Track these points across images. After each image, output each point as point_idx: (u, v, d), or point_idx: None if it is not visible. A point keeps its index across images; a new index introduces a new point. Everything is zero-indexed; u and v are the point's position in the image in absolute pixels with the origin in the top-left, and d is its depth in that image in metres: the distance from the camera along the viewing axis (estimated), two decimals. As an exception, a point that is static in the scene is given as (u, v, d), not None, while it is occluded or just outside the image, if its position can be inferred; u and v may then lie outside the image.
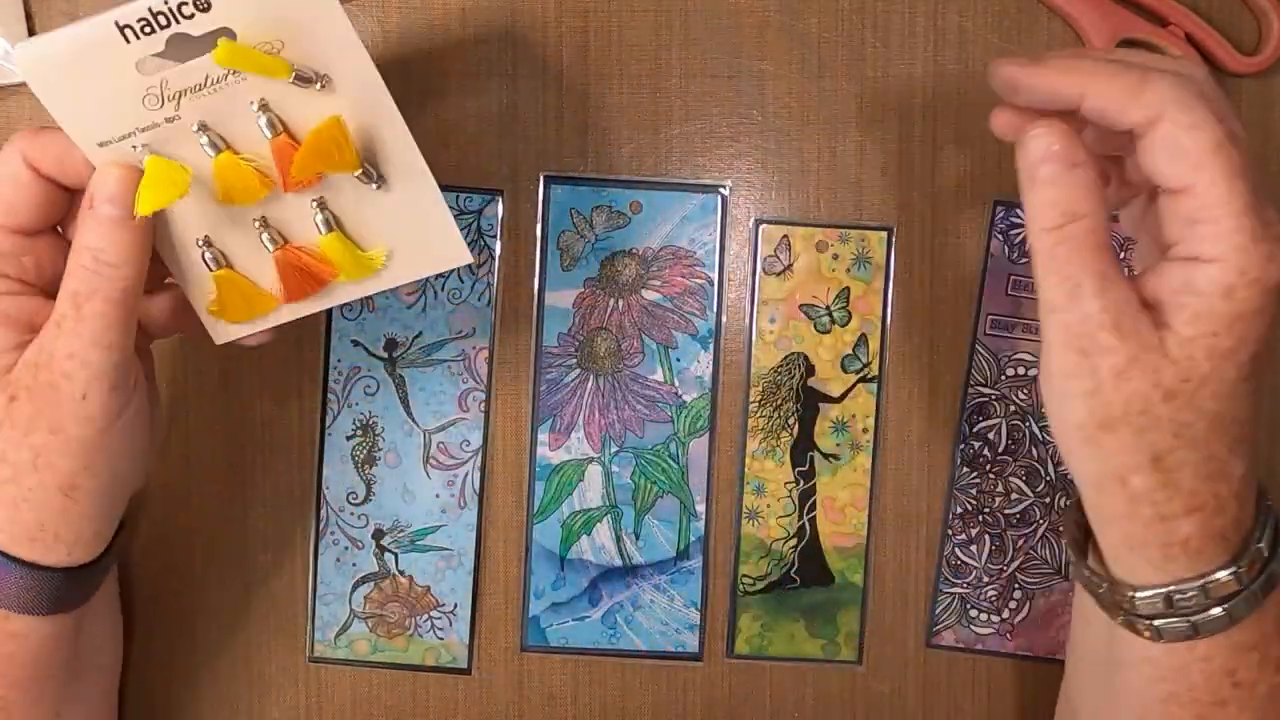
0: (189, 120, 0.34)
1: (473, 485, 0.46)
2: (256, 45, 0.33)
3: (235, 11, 0.32)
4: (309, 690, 0.47)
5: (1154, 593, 0.32)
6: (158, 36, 0.32)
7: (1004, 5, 0.46)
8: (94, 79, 0.33)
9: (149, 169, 0.34)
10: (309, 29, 0.33)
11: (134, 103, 0.33)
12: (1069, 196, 0.31)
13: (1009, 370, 0.46)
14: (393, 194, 0.36)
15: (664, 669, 0.47)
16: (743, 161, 0.46)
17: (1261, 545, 0.32)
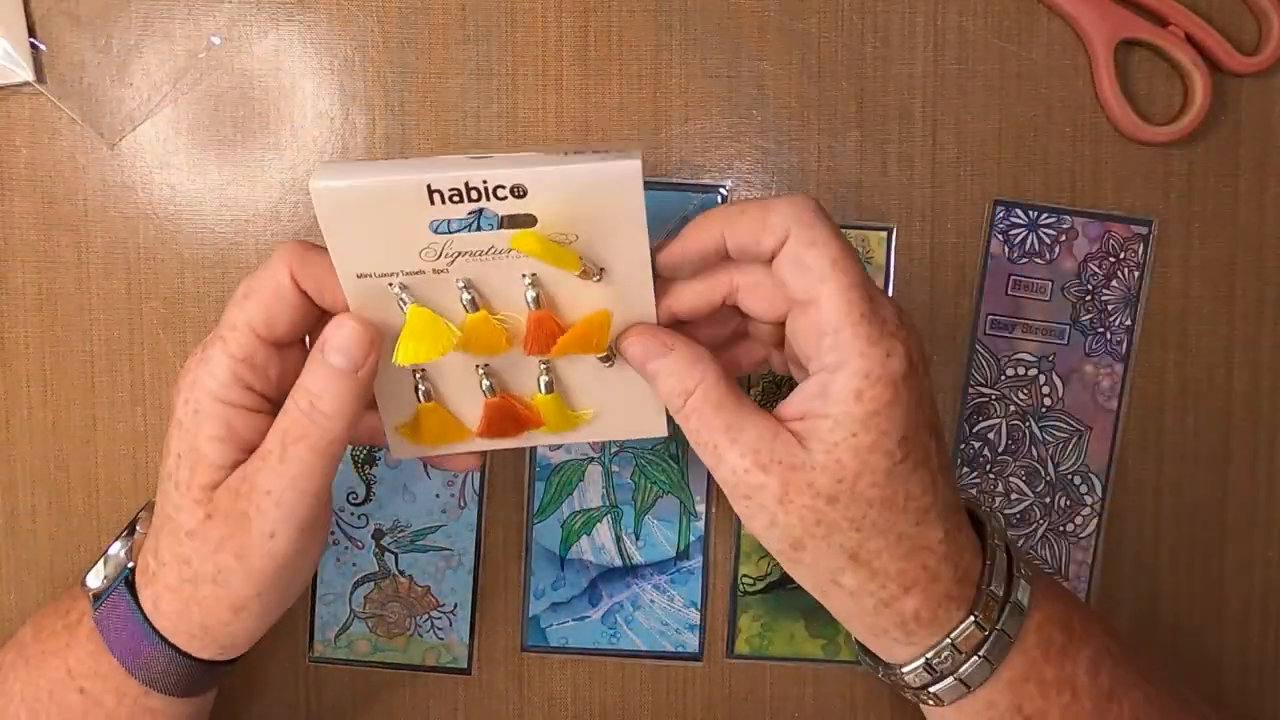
0: (455, 275, 0.35)
1: (473, 485, 0.46)
2: (553, 235, 0.33)
3: (546, 203, 0.33)
4: (309, 690, 0.47)
5: (914, 665, 0.35)
6: (462, 206, 0.33)
7: (1004, 5, 0.46)
8: (383, 224, 0.33)
9: (412, 320, 0.34)
10: (607, 227, 0.34)
11: (411, 251, 0.34)
12: (674, 379, 0.34)
13: (1009, 370, 0.47)
14: (616, 369, 0.37)
15: (664, 669, 0.47)
16: (743, 161, 0.46)
17: (993, 588, 0.34)
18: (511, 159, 0.33)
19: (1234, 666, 0.48)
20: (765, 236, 0.33)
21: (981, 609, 0.34)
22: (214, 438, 0.34)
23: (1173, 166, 0.46)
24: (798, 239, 0.33)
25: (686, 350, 0.35)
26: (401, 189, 0.32)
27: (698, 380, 0.34)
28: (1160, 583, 0.48)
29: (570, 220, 0.33)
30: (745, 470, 0.33)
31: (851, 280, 0.32)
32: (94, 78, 0.45)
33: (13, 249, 0.45)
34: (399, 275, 0.34)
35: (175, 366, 0.46)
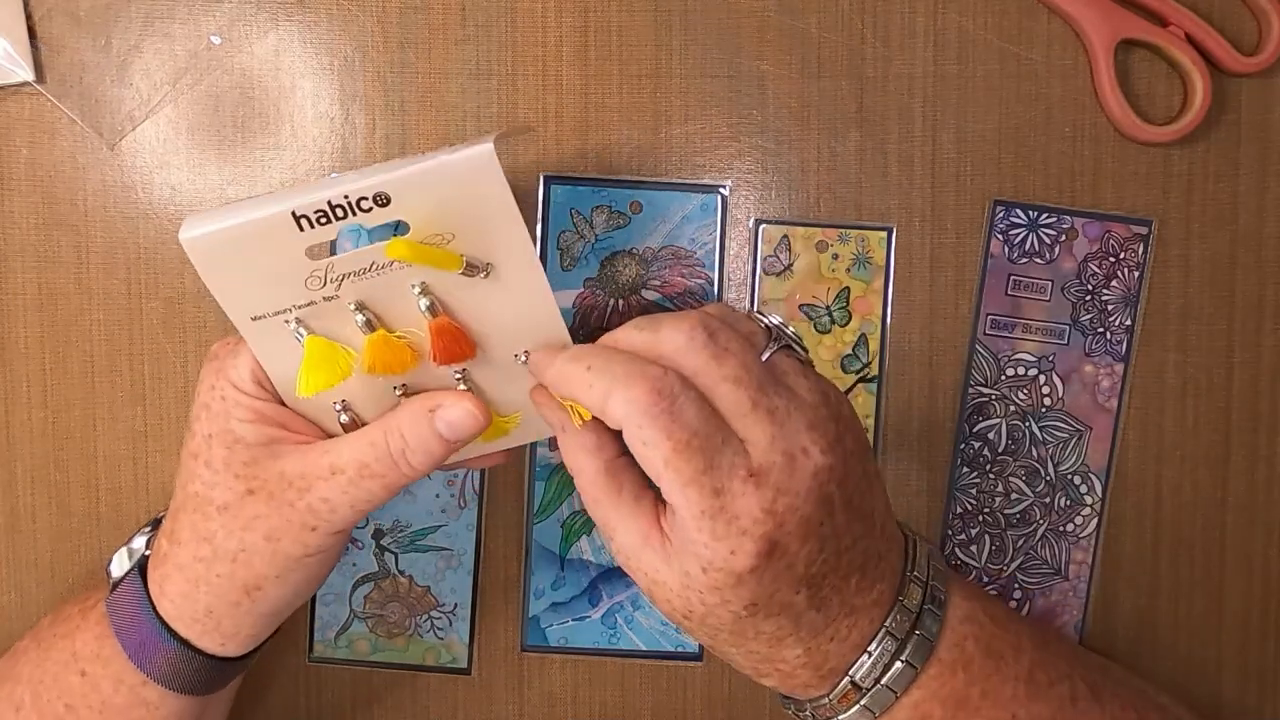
0: (346, 299, 0.34)
1: (473, 485, 0.46)
2: (428, 238, 0.33)
3: (412, 207, 0.32)
4: (309, 690, 0.47)
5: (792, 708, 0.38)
6: (332, 227, 0.32)
7: (1004, 5, 0.46)
8: (260, 261, 0.33)
9: (310, 350, 0.35)
10: (480, 221, 0.33)
11: (296, 283, 0.34)
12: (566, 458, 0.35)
13: (1009, 370, 0.47)
14: None
15: (664, 669, 0.47)
16: (743, 161, 0.46)
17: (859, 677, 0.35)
18: (372, 169, 0.33)
19: (1234, 666, 0.48)
20: (605, 419, 0.33)
21: (839, 694, 0.35)
22: (245, 421, 0.35)
23: (1173, 166, 0.46)
24: (630, 436, 0.32)
25: (573, 439, 0.35)
26: (268, 223, 0.32)
27: (579, 469, 0.35)
28: (1160, 583, 0.48)
29: (441, 220, 0.33)
30: (621, 563, 0.35)
31: (687, 478, 0.32)
32: (94, 78, 0.45)
33: (13, 249, 0.45)
34: (292, 310, 0.34)
35: (175, 366, 0.46)
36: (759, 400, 0.33)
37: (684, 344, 0.33)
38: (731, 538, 0.32)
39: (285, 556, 0.35)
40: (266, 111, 0.45)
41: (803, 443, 0.33)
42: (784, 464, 0.32)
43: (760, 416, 0.32)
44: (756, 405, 0.32)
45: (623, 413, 0.32)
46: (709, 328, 0.33)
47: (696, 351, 0.33)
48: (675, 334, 0.33)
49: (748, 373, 0.33)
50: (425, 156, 0.33)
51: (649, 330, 0.34)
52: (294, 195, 0.32)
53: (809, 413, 0.33)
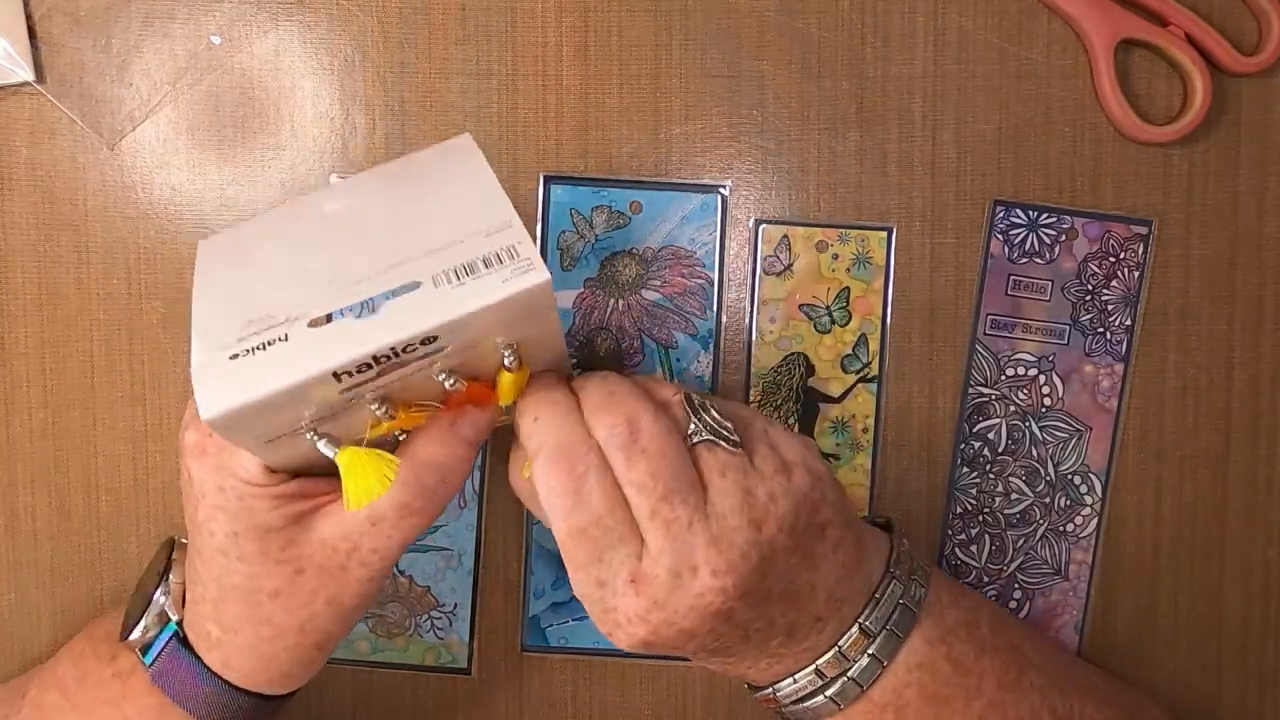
0: (367, 400, 0.32)
1: (473, 485, 0.46)
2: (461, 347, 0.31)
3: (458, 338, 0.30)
4: (309, 690, 0.47)
5: None
6: (371, 370, 0.30)
7: (1004, 5, 0.46)
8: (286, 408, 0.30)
9: (347, 465, 0.32)
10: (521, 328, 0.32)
11: (320, 405, 0.31)
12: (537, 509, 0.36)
13: (1009, 370, 0.47)
14: None
15: (664, 669, 0.47)
16: (743, 161, 0.46)
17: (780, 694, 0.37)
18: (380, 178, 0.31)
19: (1234, 666, 0.48)
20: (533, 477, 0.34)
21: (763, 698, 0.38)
22: (270, 510, 0.34)
23: (1173, 166, 0.46)
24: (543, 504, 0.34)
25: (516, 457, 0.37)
26: (305, 384, 0.29)
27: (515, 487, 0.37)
28: (1160, 583, 0.48)
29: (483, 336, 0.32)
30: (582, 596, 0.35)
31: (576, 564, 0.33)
32: (94, 78, 0.45)
33: (13, 249, 0.45)
34: (308, 423, 0.32)
35: (175, 366, 0.46)
36: (658, 510, 0.33)
37: (604, 437, 0.33)
38: (608, 625, 0.34)
39: (350, 610, 0.36)
40: (266, 111, 0.45)
41: (695, 560, 0.33)
42: (666, 580, 0.33)
43: (656, 526, 0.33)
44: (654, 514, 0.33)
45: (539, 480, 0.33)
46: (634, 422, 0.33)
47: (613, 450, 0.33)
48: (598, 425, 0.34)
49: (654, 479, 0.33)
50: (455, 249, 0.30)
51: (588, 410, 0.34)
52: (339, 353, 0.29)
53: (715, 525, 0.33)
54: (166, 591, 0.39)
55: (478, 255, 0.30)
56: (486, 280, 0.30)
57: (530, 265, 0.30)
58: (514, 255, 0.30)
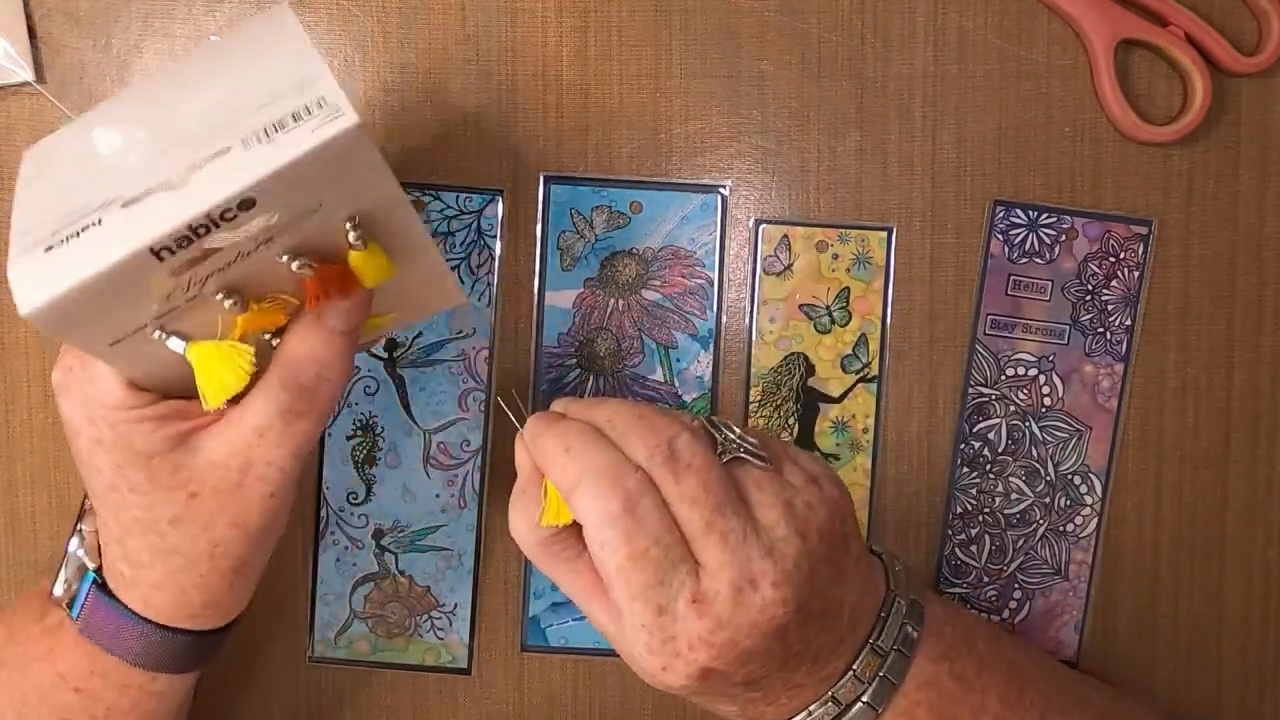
0: (210, 292, 0.31)
1: (473, 485, 0.46)
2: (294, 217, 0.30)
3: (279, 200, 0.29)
4: (309, 690, 0.47)
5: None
6: (194, 244, 0.29)
7: (1004, 5, 0.46)
8: (115, 297, 0.29)
9: (198, 359, 0.32)
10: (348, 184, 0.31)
11: (159, 297, 0.30)
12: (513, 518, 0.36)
13: (1009, 370, 0.47)
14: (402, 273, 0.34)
15: (664, 669, 0.47)
16: (743, 161, 0.46)
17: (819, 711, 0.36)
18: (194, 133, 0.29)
19: (1234, 667, 0.48)
20: (571, 508, 0.34)
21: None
22: (149, 434, 0.33)
23: (1173, 166, 0.46)
24: (589, 536, 0.33)
25: (522, 508, 0.36)
26: (122, 264, 0.28)
27: (522, 535, 0.36)
28: (1160, 583, 0.48)
29: (306, 198, 0.30)
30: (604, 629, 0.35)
31: (635, 591, 0.32)
32: (94, 78, 0.45)
33: (13, 249, 0.45)
34: (152, 322, 0.31)
35: (175, 366, 0.46)
36: (713, 523, 0.32)
37: (644, 455, 0.33)
38: (665, 656, 0.32)
39: (258, 530, 0.35)
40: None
41: (753, 573, 0.32)
42: (729, 596, 0.32)
43: (712, 540, 0.32)
44: (710, 528, 0.32)
45: (586, 509, 0.32)
46: (672, 441, 0.33)
47: (658, 469, 0.33)
48: (639, 448, 0.33)
49: (706, 492, 0.33)
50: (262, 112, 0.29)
51: (618, 436, 0.34)
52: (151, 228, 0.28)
53: (766, 535, 0.33)
54: (82, 543, 0.38)
55: (287, 111, 0.29)
56: (295, 133, 0.28)
57: (339, 112, 0.29)
58: (323, 105, 0.29)
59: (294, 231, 0.31)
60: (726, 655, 0.32)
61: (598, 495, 0.32)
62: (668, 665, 0.32)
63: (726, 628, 0.32)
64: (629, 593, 0.32)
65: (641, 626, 0.32)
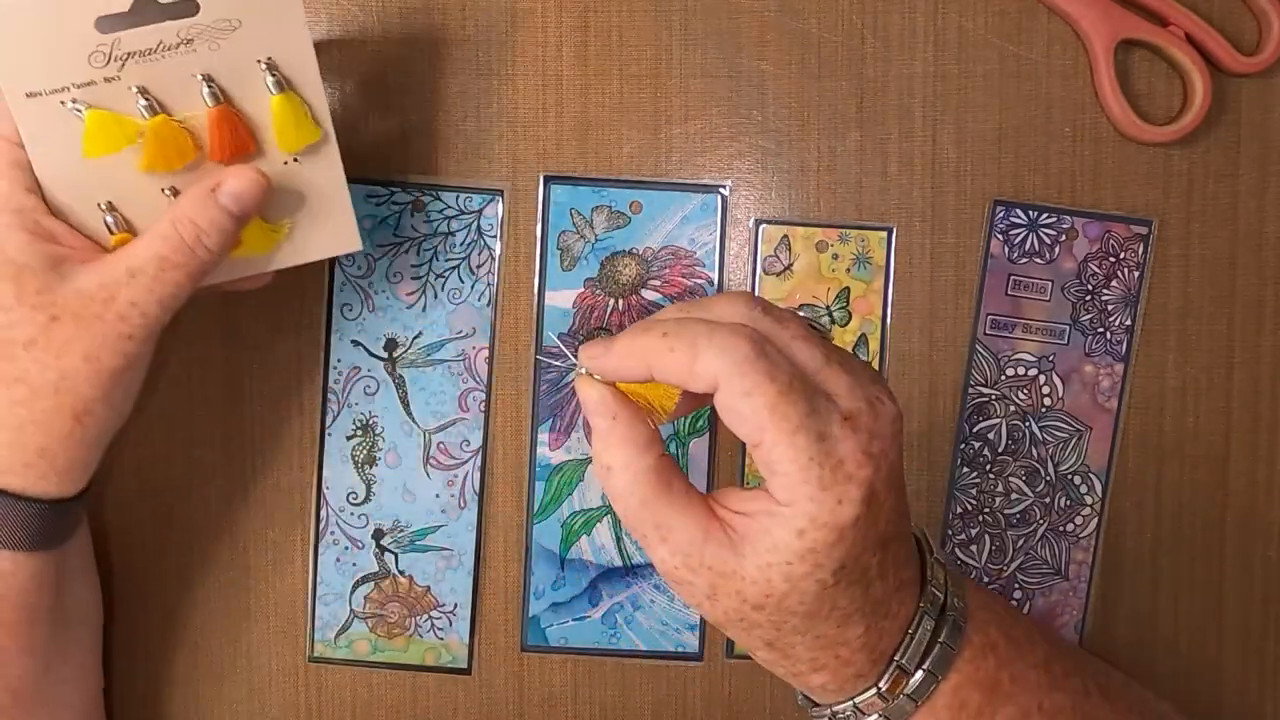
0: (129, 81, 0.35)
1: (473, 485, 0.46)
2: (217, 21, 0.35)
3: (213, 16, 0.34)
4: (309, 690, 0.47)
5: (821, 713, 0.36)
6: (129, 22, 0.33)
7: (1004, 5, 0.46)
8: (46, 28, 0.33)
9: (92, 122, 0.35)
10: (268, 17, 0.35)
11: (79, 58, 0.34)
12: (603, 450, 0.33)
13: (1009, 370, 0.47)
14: (304, 173, 0.38)
15: (664, 669, 0.47)
16: (743, 161, 0.46)
17: (904, 660, 0.34)
18: None
19: (1234, 666, 0.48)
20: (692, 383, 0.32)
21: (889, 680, 0.34)
22: (24, 245, 0.34)
23: (1173, 166, 0.46)
24: (728, 389, 0.31)
25: (627, 428, 0.33)
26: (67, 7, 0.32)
27: (624, 463, 0.33)
28: (1160, 582, 0.48)
29: (234, 7, 0.35)
30: (675, 567, 0.33)
31: (795, 424, 0.31)
32: (94, 77, 0.45)
33: (13, 249, 0.45)
34: (70, 89, 0.34)
35: (174, 364, 0.46)
36: (829, 354, 0.32)
37: (745, 312, 0.33)
38: (839, 485, 0.31)
39: (109, 373, 0.35)
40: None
41: (875, 392, 0.32)
42: (868, 409, 0.32)
43: (834, 369, 0.32)
44: (829, 359, 0.32)
45: (719, 365, 0.31)
46: (759, 301, 0.33)
47: (759, 318, 0.32)
48: (733, 304, 0.33)
49: (810, 331, 0.33)
50: None
51: (700, 308, 0.33)
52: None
53: (869, 367, 0.34)
54: None
55: None
56: None
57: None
58: None
59: (212, 44, 0.35)
60: (883, 468, 0.32)
61: (726, 347, 0.31)
62: (843, 495, 0.31)
63: (878, 437, 0.32)
64: (790, 427, 0.31)
65: (810, 460, 0.31)
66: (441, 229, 0.46)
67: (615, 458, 0.33)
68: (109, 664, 0.46)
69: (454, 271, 0.46)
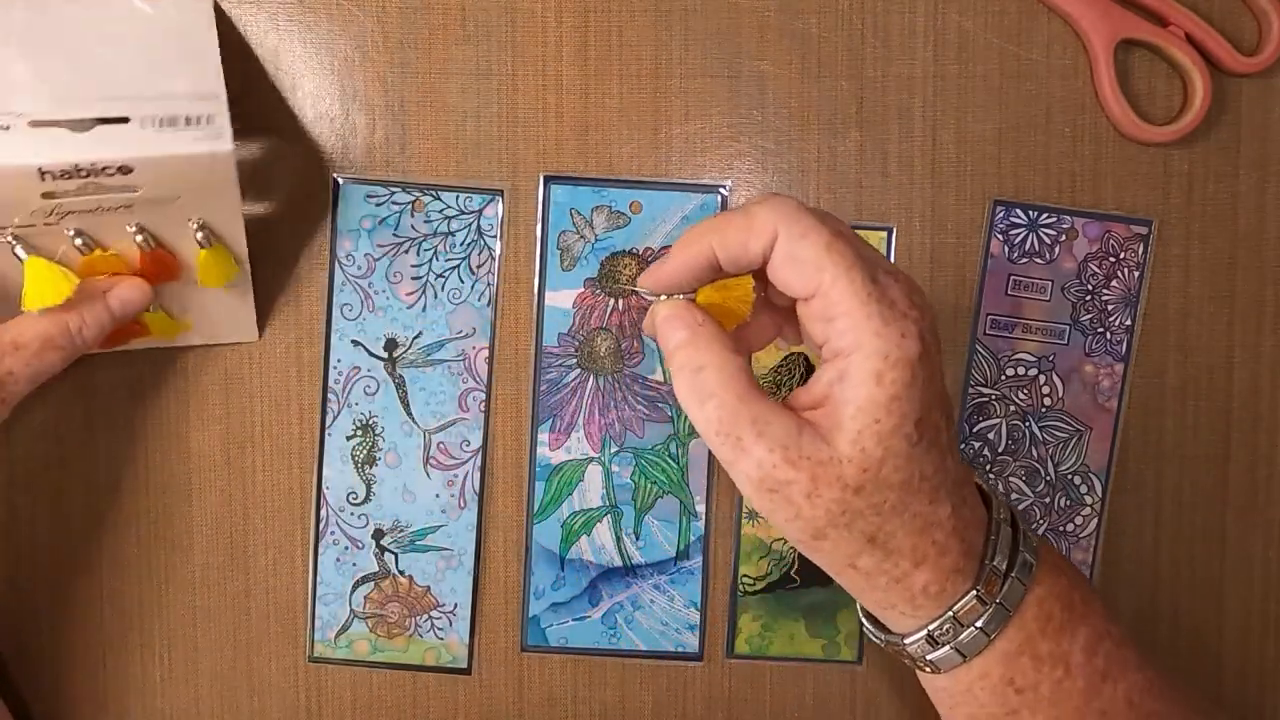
0: (66, 228, 0.39)
1: (473, 485, 0.46)
2: (154, 195, 0.38)
3: (150, 176, 0.37)
4: (309, 690, 0.47)
5: (917, 636, 0.35)
6: (73, 181, 0.36)
7: (1004, 5, 0.46)
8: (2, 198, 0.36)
9: (31, 271, 0.38)
10: (204, 191, 0.39)
11: (23, 210, 0.37)
12: (693, 352, 0.34)
13: (1009, 370, 0.46)
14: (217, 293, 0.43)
15: (664, 669, 0.47)
16: (743, 161, 0.46)
17: (996, 562, 0.35)
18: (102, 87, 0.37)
19: (1234, 666, 0.48)
20: (752, 240, 0.33)
21: (984, 583, 0.34)
22: None
23: (1173, 166, 0.46)
24: (787, 234, 0.33)
25: (714, 328, 0.35)
26: (12, 170, 0.35)
27: (718, 360, 0.34)
28: (1160, 582, 0.48)
29: (171, 185, 0.38)
30: (773, 466, 0.32)
31: (851, 261, 0.32)
32: None
33: (13, 249, 0.45)
34: (10, 229, 0.38)
35: (174, 365, 0.46)
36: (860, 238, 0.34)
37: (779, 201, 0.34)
38: (898, 320, 0.32)
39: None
40: (267, 112, 0.45)
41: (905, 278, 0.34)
42: (905, 277, 0.34)
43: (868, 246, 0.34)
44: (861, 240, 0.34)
45: (774, 215, 0.33)
46: None
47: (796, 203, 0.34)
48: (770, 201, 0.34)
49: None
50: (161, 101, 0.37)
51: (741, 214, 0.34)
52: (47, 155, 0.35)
53: None
54: None
55: (183, 114, 0.37)
56: (184, 134, 0.37)
57: (220, 134, 0.37)
58: (211, 122, 0.37)
59: (150, 209, 0.39)
60: (926, 319, 0.33)
61: (776, 203, 0.33)
62: (904, 330, 0.32)
63: (917, 291, 0.34)
64: (846, 262, 0.32)
65: (869, 296, 0.32)
66: (441, 229, 0.46)
67: (708, 356, 0.34)
68: (108, 663, 0.46)
69: (454, 271, 0.46)
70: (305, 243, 0.46)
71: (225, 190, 0.39)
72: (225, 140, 0.37)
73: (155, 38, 0.38)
